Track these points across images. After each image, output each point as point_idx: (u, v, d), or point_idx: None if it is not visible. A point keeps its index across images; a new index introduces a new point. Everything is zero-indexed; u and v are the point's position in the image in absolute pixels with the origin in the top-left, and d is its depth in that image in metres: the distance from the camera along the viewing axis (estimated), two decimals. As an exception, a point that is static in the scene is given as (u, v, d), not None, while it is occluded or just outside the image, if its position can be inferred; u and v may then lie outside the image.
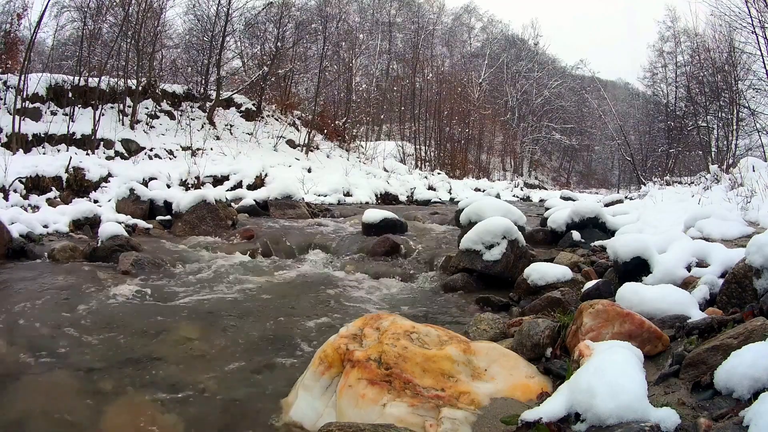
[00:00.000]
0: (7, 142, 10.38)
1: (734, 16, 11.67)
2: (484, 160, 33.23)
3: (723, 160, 12.85)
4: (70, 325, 3.30)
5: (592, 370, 1.72)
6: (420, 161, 25.40)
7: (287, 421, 2.16)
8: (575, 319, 2.36)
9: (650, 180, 15.61)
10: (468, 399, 2.01)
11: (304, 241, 6.28)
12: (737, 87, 13.94)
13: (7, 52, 13.30)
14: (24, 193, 8.08)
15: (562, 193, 17.44)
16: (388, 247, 5.75)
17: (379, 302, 4.15)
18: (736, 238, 4.17)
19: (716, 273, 2.84)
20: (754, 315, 2.07)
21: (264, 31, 19.80)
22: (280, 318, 3.60)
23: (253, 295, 4.23)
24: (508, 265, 4.42)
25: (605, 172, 44.82)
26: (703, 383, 1.74)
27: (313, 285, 4.61)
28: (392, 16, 37.03)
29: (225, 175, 12.51)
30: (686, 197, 7.44)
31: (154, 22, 15.64)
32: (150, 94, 15.02)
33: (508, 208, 5.41)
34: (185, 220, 6.93)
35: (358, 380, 2.07)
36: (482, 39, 45.25)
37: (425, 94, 28.07)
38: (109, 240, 5.39)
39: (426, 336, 2.31)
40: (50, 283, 4.27)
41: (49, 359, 2.78)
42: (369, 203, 13.09)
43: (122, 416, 2.26)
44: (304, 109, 21.53)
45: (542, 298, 3.44)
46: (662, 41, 25.48)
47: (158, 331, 3.26)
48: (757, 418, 1.37)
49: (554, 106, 39.98)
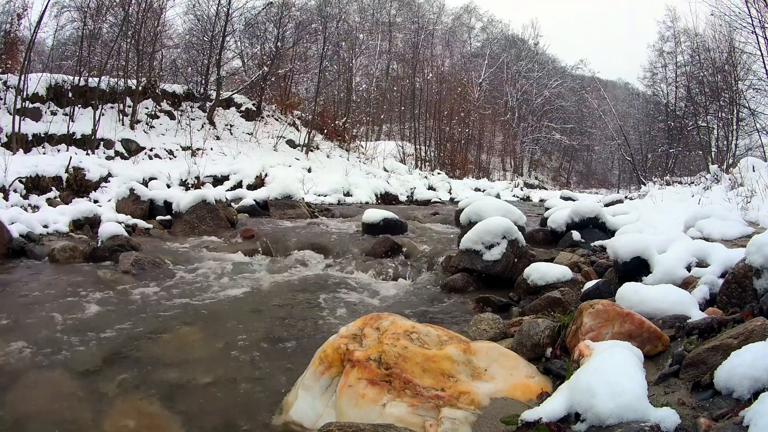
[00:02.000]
0: (7, 142, 10.39)
1: (734, 16, 11.71)
2: (484, 160, 33.24)
3: (723, 160, 12.87)
4: (70, 325, 3.30)
5: (592, 370, 1.72)
6: (420, 161, 25.40)
7: (287, 421, 2.16)
8: (575, 319, 2.36)
9: (650, 180, 15.59)
10: (468, 399, 2.01)
11: (304, 241, 6.28)
12: (737, 87, 13.95)
13: (7, 52, 13.30)
14: (24, 193, 8.08)
15: (562, 193, 17.44)
16: (388, 247, 5.74)
17: (379, 302, 4.15)
18: (736, 238, 4.17)
19: (716, 273, 2.84)
20: (754, 315, 2.07)
21: (264, 31, 19.82)
22: (280, 318, 3.60)
23: (252, 295, 4.23)
24: (508, 265, 4.42)
25: (605, 172, 44.81)
26: (703, 383, 1.74)
27: (313, 285, 4.60)
28: (392, 16, 37.03)
29: (225, 175, 12.52)
30: (686, 197, 7.45)
31: (154, 22, 15.66)
32: (150, 94, 15.02)
33: (508, 208, 5.40)
34: (185, 220, 6.92)
35: (358, 380, 2.07)
36: (482, 39, 45.30)
37: (425, 94, 28.07)
38: (109, 240, 5.40)
39: (426, 336, 2.31)
40: (50, 283, 4.27)
41: (49, 359, 2.78)
42: (369, 203, 13.08)
43: (122, 416, 2.26)
44: (304, 109, 21.53)
45: (542, 298, 3.44)
46: (662, 41, 25.51)
47: (158, 331, 3.26)
48: (757, 418, 1.37)
49: (554, 106, 39.98)
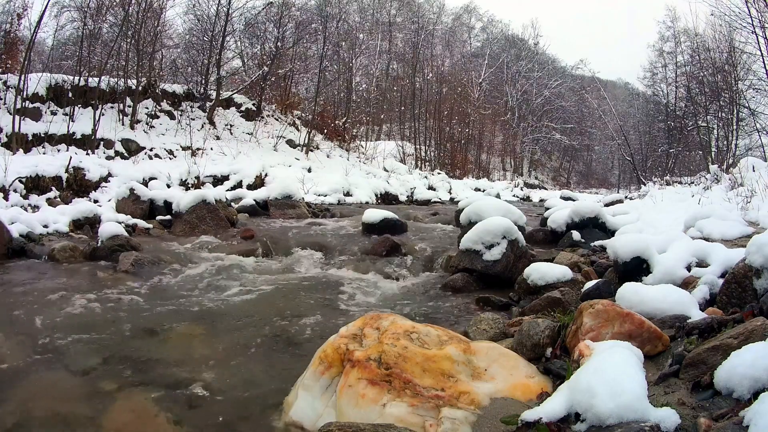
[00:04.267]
0: (7, 142, 10.38)
1: (734, 16, 11.70)
2: (484, 160, 33.22)
3: (723, 160, 12.86)
4: (70, 324, 3.30)
5: (592, 370, 1.72)
6: (420, 161, 25.38)
7: (287, 421, 2.16)
8: (575, 319, 2.36)
9: (650, 180, 15.60)
10: (468, 399, 2.01)
11: (304, 241, 6.28)
12: (737, 87, 13.94)
13: (7, 52, 13.29)
14: (24, 193, 8.07)
15: (562, 193, 17.43)
16: (388, 247, 5.74)
17: (379, 302, 4.15)
18: (736, 238, 4.17)
19: (716, 273, 2.84)
20: (754, 315, 2.07)
21: (264, 31, 19.79)
22: (279, 318, 3.61)
23: (252, 294, 4.23)
24: (508, 265, 4.42)
25: (605, 172, 44.81)
26: (703, 383, 1.74)
27: (313, 285, 4.61)
28: (392, 15, 37.00)
29: (225, 175, 12.51)
30: (686, 197, 7.45)
31: (154, 22, 15.64)
32: (150, 94, 15.01)
33: (508, 208, 5.40)
34: (185, 220, 6.92)
35: (358, 380, 2.07)
36: (482, 39, 45.26)
37: (425, 94, 28.05)
38: (109, 240, 5.40)
39: (426, 336, 2.31)
40: (50, 283, 4.27)
41: (49, 359, 2.78)
42: (369, 203, 13.07)
43: (122, 416, 2.26)
44: (304, 109, 21.51)
45: (542, 298, 3.44)
46: (662, 41, 25.47)
47: (158, 331, 3.26)
48: (757, 418, 1.37)
49: (554, 106, 39.95)
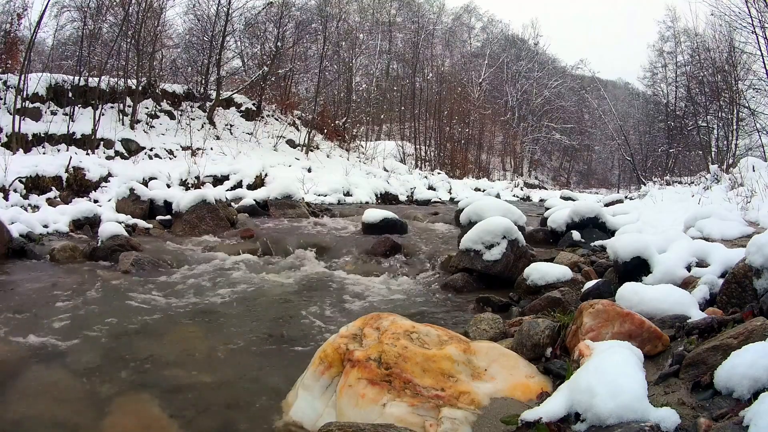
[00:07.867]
0: (7, 142, 10.38)
1: (734, 16, 11.71)
2: (484, 160, 33.22)
3: (723, 160, 12.87)
4: (70, 324, 3.30)
5: (592, 369, 1.72)
6: (420, 161, 25.40)
7: (287, 421, 2.16)
8: (575, 319, 2.36)
9: (650, 180, 15.61)
10: (468, 399, 2.01)
11: (304, 241, 6.28)
12: (737, 87, 13.94)
13: (7, 52, 13.29)
14: (24, 193, 8.07)
15: (562, 193, 17.45)
16: (388, 247, 5.74)
17: (379, 302, 4.15)
18: (736, 238, 4.18)
19: (716, 273, 2.84)
20: (754, 315, 2.07)
21: (264, 31, 19.80)
22: (280, 318, 3.61)
23: (252, 294, 4.23)
24: (508, 265, 4.42)
25: (605, 172, 44.80)
26: (703, 383, 1.74)
27: (313, 285, 4.61)
28: (392, 15, 36.99)
29: (225, 175, 12.50)
30: (686, 197, 7.46)
31: (154, 22, 15.66)
32: (150, 94, 15.02)
33: (508, 208, 5.41)
34: (185, 220, 6.92)
35: (358, 380, 2.07)
36: (482, 39, 45.26)
37: (425, 94, 28.07)
38: (109, 240, 5.40)
39: (426, 336, 2.31)
40: (50, 283, 4.27)
41: (48, 359, 2.78)
42: (369, 203, 13.07)
43: (122, 416, 2.26)
44: (304, 109, 21.52)
45: (542, 297, 3.44)
46: (662, 41, 25.51)
47: (158, 331, 3.26)
48: (757, 418, 1.37)
49: (554, 106, 39.95)
